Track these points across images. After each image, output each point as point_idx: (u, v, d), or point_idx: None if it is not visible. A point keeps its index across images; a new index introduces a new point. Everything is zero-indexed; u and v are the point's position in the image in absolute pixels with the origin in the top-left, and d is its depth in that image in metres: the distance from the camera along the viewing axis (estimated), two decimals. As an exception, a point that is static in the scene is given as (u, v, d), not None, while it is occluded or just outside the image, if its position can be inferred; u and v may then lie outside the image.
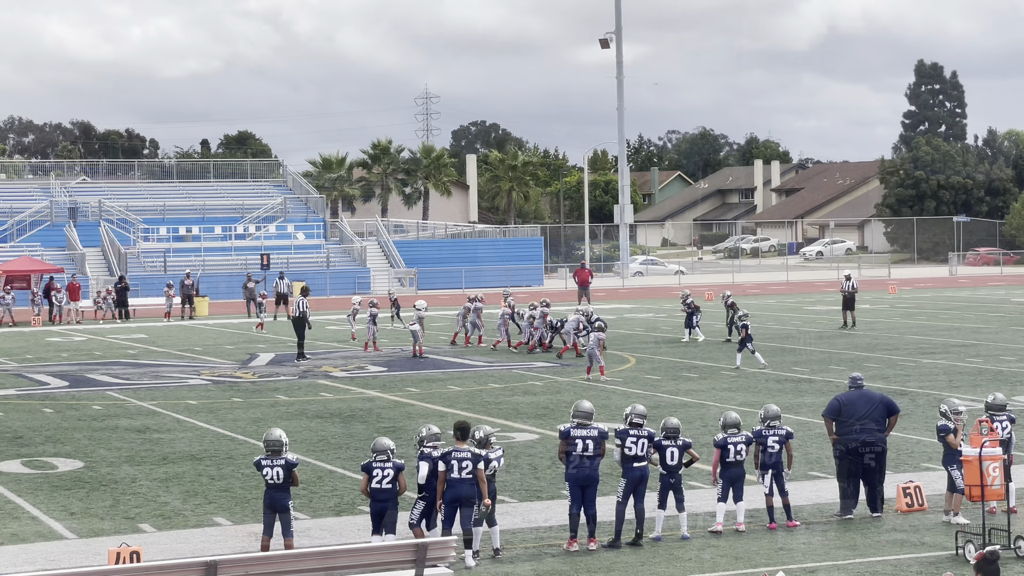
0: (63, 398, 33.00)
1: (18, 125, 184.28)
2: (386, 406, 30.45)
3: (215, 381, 36.03)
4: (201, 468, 23.07)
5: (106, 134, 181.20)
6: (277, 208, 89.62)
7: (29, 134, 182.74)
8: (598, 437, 17.32)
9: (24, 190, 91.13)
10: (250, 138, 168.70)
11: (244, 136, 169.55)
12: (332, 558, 14.11)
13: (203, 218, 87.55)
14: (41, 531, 18.60)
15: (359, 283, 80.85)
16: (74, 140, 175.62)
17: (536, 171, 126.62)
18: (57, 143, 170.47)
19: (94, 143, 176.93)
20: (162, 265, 79.36)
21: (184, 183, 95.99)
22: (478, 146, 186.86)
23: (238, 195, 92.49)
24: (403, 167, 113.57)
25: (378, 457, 16.51)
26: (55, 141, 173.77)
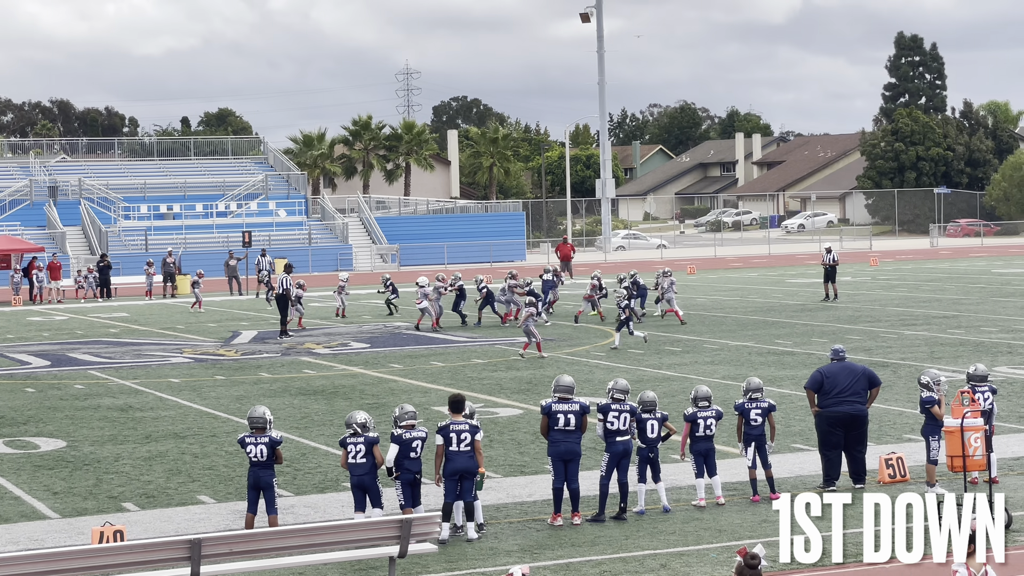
0: (45, 377, 32.94)
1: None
2: (369, 382, 30.45)
3: (198, 359, 35.98)
4: (184, 446, 23.05)
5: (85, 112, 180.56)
6: (258, 185, 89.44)
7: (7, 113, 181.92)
8: (579, 412, 17.34)
9: (3, 169, 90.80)
10: (230, 115, 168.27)
11: (224, 113, 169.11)
12: (316, 535, 14.13)
13: (184, 196, 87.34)
14: (24, 511, 18.58)
15: (341, 260, 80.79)
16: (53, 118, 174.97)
17: (517, 146, 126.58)
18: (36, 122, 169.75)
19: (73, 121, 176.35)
20: (143, 243, 79.16)
21: (164, 161, 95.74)
22: (459, 122, 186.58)
23: (219, 173, 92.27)
24: (384, 143, 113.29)
25: (350, 432, 16.52)
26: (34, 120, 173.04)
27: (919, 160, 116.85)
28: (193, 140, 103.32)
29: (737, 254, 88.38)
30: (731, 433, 18.56)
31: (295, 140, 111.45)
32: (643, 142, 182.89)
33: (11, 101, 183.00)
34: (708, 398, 18.25)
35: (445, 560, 15.51)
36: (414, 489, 16.59)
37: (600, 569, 15.15)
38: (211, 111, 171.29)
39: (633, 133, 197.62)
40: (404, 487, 16.54)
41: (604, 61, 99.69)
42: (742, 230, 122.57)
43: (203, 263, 71.42)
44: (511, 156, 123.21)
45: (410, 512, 16.41)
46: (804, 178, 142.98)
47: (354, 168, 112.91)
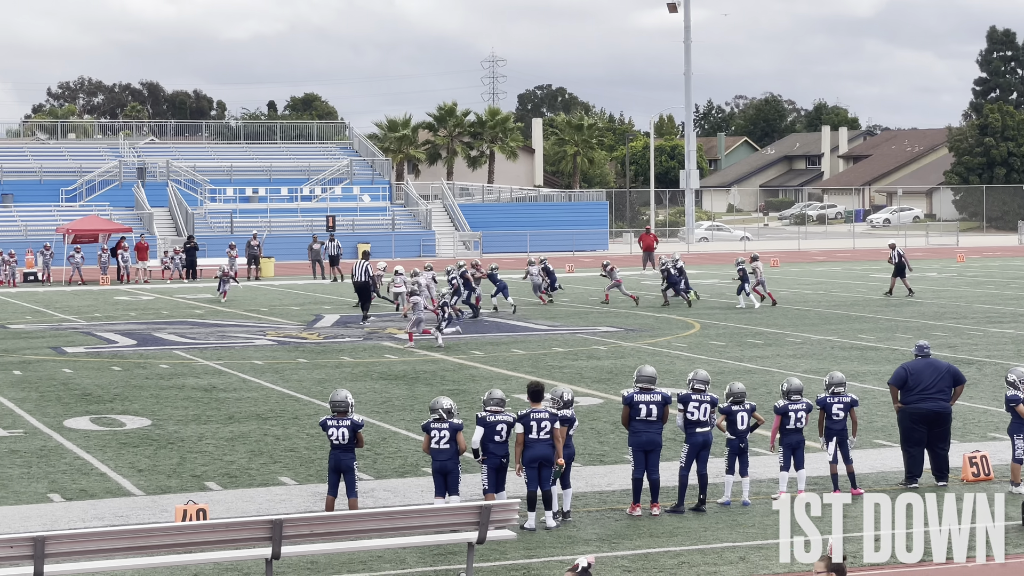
0: (131, 356, 33.31)
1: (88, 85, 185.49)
2: (450, 368, 30.54)
3: (280, 342, 36.24)
4: (266, 428, 23.24)
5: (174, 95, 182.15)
6: (343, 170, 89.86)
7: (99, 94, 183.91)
8: (661, 402, 17.32)
9: (93, 150, 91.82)
10: (316, 100, 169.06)
11: (310, 98, 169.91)
12: (396, 519, 14.21)
13: (269, 179, 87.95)
14: (110, 487, 18.81)
15: (424, 246, 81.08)
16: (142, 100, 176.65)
17: (602, 135, 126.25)
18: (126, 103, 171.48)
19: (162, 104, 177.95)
20: (228, 226, 79.78)
21: (251, 144, 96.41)
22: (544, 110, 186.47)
23: (304, 157, 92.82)
24: (468, 130, 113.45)
25: (435, 417, 16.57)
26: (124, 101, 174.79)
27: (1010, 156, 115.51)
28: (279, 124, 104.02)
29: (821, 248, 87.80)
30: (812, 427, 18.46)
31: (380, 126, 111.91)
32: (728, 133, 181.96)
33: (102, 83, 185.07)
34: (800, 391, 18.14)
35: (523, 547, 15.55)
36: (499, 474, 16.64)
37: (678, 560, 15.14)
38: (297, 95, 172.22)
39: (718, 124, 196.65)
40: (490, 471, 16.60)
41: (691, 51, 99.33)
42: (826, 224, 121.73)
43: (287, 247, 71.98)
44: (595, 145, 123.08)
45: (493, 497, 16.48)
46: (890, 172, 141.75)
47: (438, 154, 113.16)
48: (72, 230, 66.49)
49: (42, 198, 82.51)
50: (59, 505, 17.83)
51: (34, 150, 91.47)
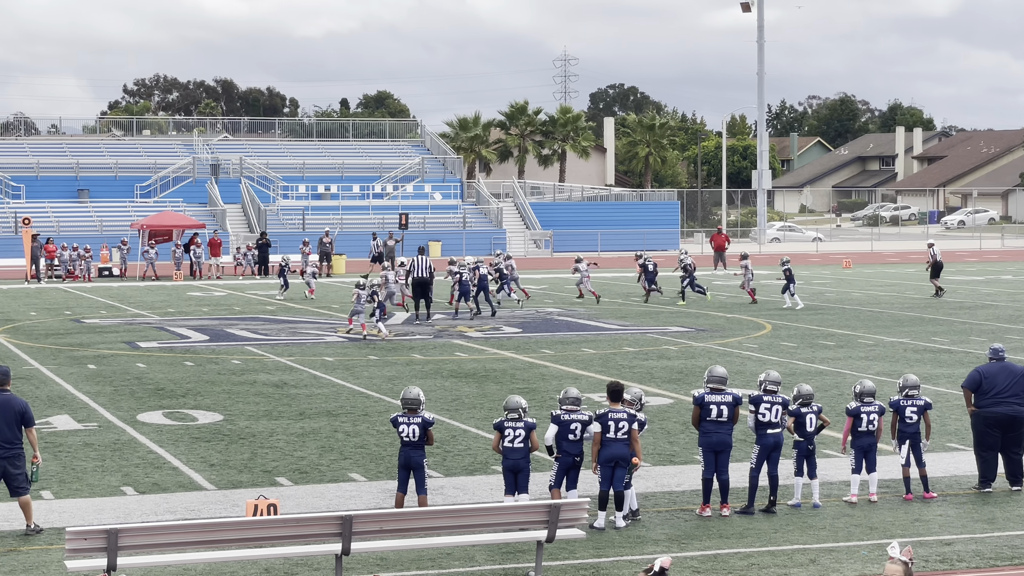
0: (203, 352, 33.55)
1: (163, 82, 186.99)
2: (520, 367, 30.55)
3: (351, 339, 36.37)
4: (337, 424, 23.34)
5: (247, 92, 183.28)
6: (415, 168, 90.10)
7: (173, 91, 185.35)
8: (732, 403, 17.24)
9: (168, 146, 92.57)
10: (388, 98, 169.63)
11: (383, 96, 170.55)
12: (465, 516, 14.22)
13: (342, 177, 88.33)
14: (182, 481, 18.95)
15: (495, 244, 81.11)
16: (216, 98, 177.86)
17: (674, 135, 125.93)
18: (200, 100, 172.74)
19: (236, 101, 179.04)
20: (301, 223, 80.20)
21: (323, 142, 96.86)
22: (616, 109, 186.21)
23: (376, 155, 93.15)
24: (540, 129, 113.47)
25: (509, 415, 16.57)
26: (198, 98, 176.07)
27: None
28: (352, 122, 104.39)
29: (894, 249, 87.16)
30: (884, 430, 18.32)
31: (451, 124, 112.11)
32: (801, 134, 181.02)
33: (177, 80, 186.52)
34: (872, 393, 18.01)
35: (593, 547, 15.53)
36: (572, 472, 16.63)
37: (748, 562, 15.07)
38: (369, 93, 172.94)
39: (791, 124, 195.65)
40: (561, 470, 16.59)
41: (764, 51, 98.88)
42: (900, 225, 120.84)
43: (358, 244, 72.26)
44: (667, 144, 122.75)
45: (558, 494, 16.48)
46: (965, 174, 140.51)
47: (509, 153, 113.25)
48: (146, 226, 67.10)
49: (117, 194, 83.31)
50: (132, 498, 17.98)
51: (110, 146, 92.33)
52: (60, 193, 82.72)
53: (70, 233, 73.22)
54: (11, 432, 16.16)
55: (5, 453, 16.10)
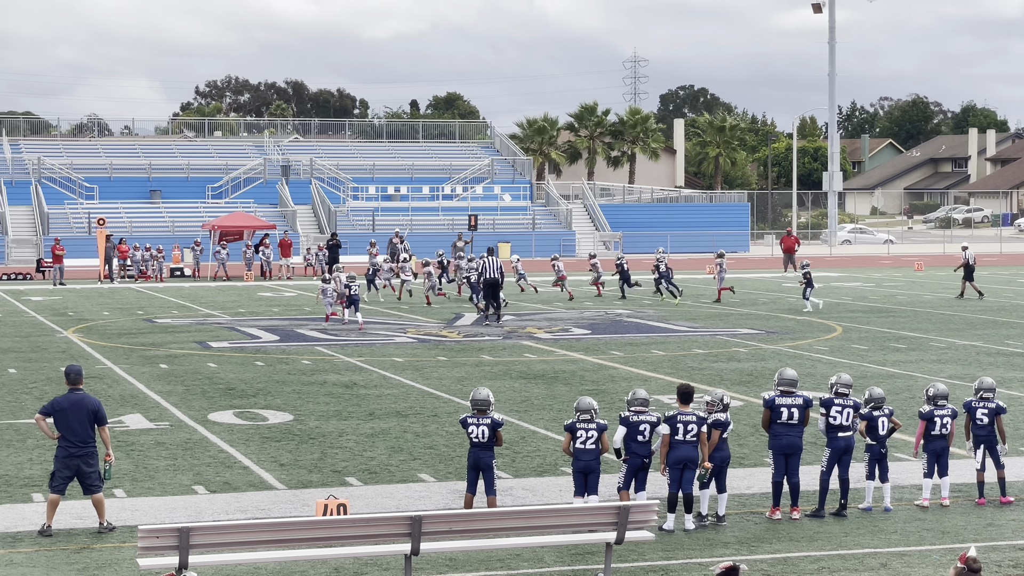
0: (274, 352, 33.73)
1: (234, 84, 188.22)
2: (590, 368, 30.52)
3: (421, 339, 36.47)
4: (406, 425, 23.39)
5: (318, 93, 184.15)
6: (484, 169, 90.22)
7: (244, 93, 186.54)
8: (803, 405, 17.14)
9: (239, 148, 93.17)
10: (458, 99, 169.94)
11: (452, 97, 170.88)
12: (534, 518, 14.21)
13: (411, 178, 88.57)
14: (252, 481, 19.06)
15: (564, 246, 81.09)
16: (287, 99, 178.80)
17: (744, 136, 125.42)
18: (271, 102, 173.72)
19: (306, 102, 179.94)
20: (371, 223, 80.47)
21: (393, 143, 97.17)
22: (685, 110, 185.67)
23: (446, 156, 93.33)
24: (609, 130, 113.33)
25: (581, 416, 16.55)
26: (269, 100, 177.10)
27: None
28: (421, 123, 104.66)
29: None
30: (957, 434, 18.15)
31: (520, 125, 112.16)
32: (872, 135, 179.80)
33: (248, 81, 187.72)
34: (945, 396, 17.85)
35: (662, 549, 15.49)
36: (641, 474, 16.60)
37: (818, 565, 14.98)
38: (439, 94, 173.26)
39: (862, 126, 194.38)
40: (630, 471, 16.56)
41: (835, 52, 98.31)
42: (972, 227, 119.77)
43: (428, 245, 72.39)
44: (737, 146, 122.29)
45: (627, 496, 16.45)
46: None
47: (578, 154, 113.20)
48: (217, 226, 67.58)
49: (189, 195, 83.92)
50: (203, 497, 18.10)
51: (181, 147, 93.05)
52: (133, 194, 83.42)
53: (142, 234, 73.83)
54: (84, 431, 16.31)
55: (79, 452, 16.26)
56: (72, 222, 77.91)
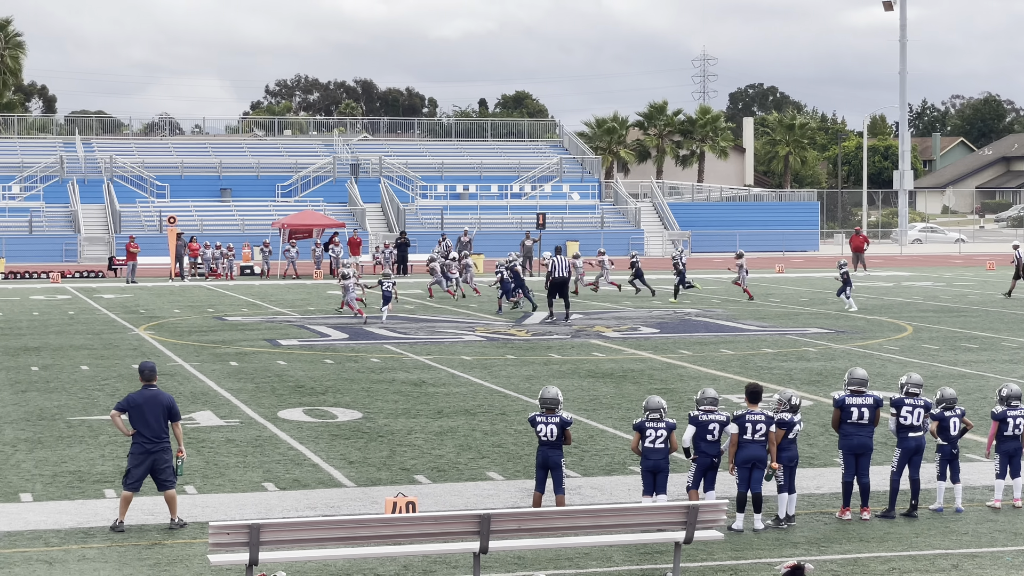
0: (343, 350, 33.86)
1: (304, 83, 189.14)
2: (658, 367, 30.45)
3: (489, 338, 36.51)
4: (475, 423, 23.42)
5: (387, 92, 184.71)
6: (553, 168, 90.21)
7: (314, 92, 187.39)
8: (873, 405, 17.03)
9: (308, 146, 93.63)
10: (527, 98, 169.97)
11: (521, 96, 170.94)
12: (603, 517, 14.20)
13: (480, 177, 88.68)
14: (322, 478, 19.14)
15: (632, 244, 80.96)
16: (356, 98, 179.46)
17: (814, 135, 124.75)
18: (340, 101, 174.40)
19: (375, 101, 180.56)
20: (439, 222, 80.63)
21: (462, 142, 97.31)
22: (755, 109, 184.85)
23: (514, 155, 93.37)
24: (678, 129, 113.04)
25: (651, 416, 16.51)
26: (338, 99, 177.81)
27: None
28: (490, 122, 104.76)
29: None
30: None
31: (589, 124, 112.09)
32: (943, 134, 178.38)
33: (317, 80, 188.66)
34: (1019, 396, 17.68)
35: (731, 548, 15.43)
36: (710, 474, 16.55)
37: (889, 566, 14.88)
38: (507, 93, 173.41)
39: (932, 124, 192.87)
40: (699, 471, 16.52)
41: (906, 50, 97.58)
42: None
43: (496, 243, 72.50)
44: (807, 145, 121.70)
45: (696, 495, 16.41)
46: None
47: (647, 153, 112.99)
48: (287, 225, 67.93)
49: (259, 193, 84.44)
50: (273, 494, 18.20)
51: (252, 146, 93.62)
52: (203, 192, 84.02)
53: (213, 232, 74.35)
54: (159, 426, 16.46)
55: (154, 447, 16.39)
56: (143, 220, 78.58)
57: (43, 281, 61.18)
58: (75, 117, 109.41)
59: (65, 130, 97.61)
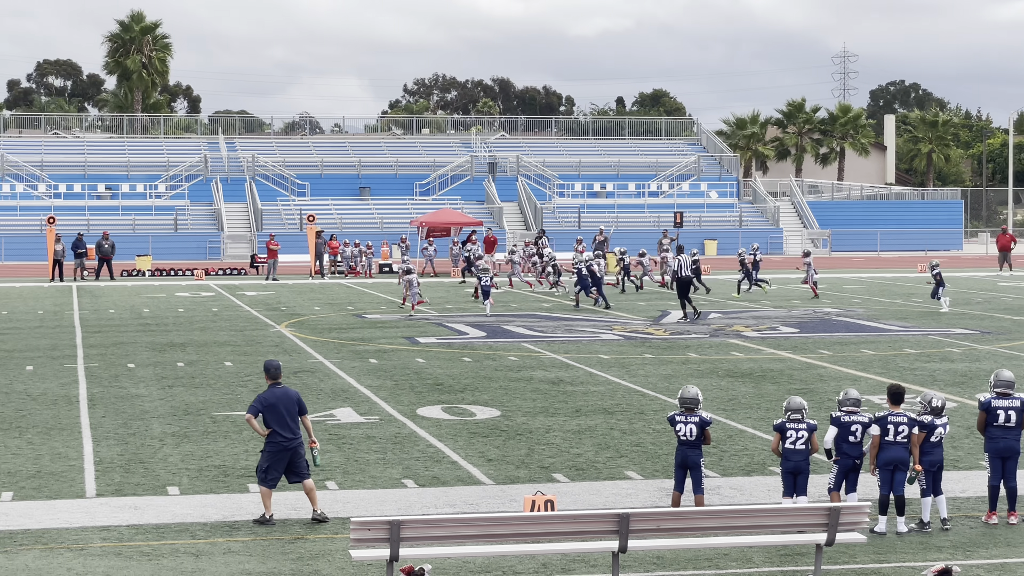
0: (481, 348, 33.98)
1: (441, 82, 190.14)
2: (798, 367, 30.17)
3: (627, 337, 36.42)
4: (613, 422, 23.38)
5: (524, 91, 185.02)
6: (690, 166, 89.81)
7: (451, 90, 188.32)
8: (1020, 408, 16.71)
9: (446, 145, 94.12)
10: (664, 96, 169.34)
11: (658, 94, 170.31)
12: (743, 517, 14.10)
13: (617, 175, 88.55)
14: (460, 475, 19.22)
15: (771, 243, 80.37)
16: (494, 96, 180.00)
17: (957, 132, 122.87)
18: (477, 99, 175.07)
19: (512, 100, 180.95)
20: (576, 220, 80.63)
21: (599, 140, 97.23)
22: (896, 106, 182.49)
23: (652, 153, 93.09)
24: (818, 127, 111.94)
25: (792, 416, 16.36)
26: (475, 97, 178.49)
27: None
28: (628, 120, 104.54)
29: None
30: None
31: (727, 122, 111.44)
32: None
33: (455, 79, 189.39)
34: None
35: (873, 551, 15.24)
36: (852, 475, 16.37)
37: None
38: (645, 91, 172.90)
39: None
40: (840, 472, 16.34)
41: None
42: None
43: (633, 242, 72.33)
44: (950, 142, 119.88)
45: (838, 497, 16.23)
46: None
47: (786, 151, 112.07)
48: (425, 223, 68.34)
49: (397, 191, 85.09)
50: (412, 491, 18.31)
51: (390, 145, 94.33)
52: (343, 191, 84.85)
53: (352, 230, 75.05)
54: (294, 422, 16.68)
55: (291, 443, 16.59)
56: (284, 218, 79.55)
57: (188, 278, 62.20)
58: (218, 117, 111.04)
59: (209, 130, 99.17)
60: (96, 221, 76.57)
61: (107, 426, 22.97)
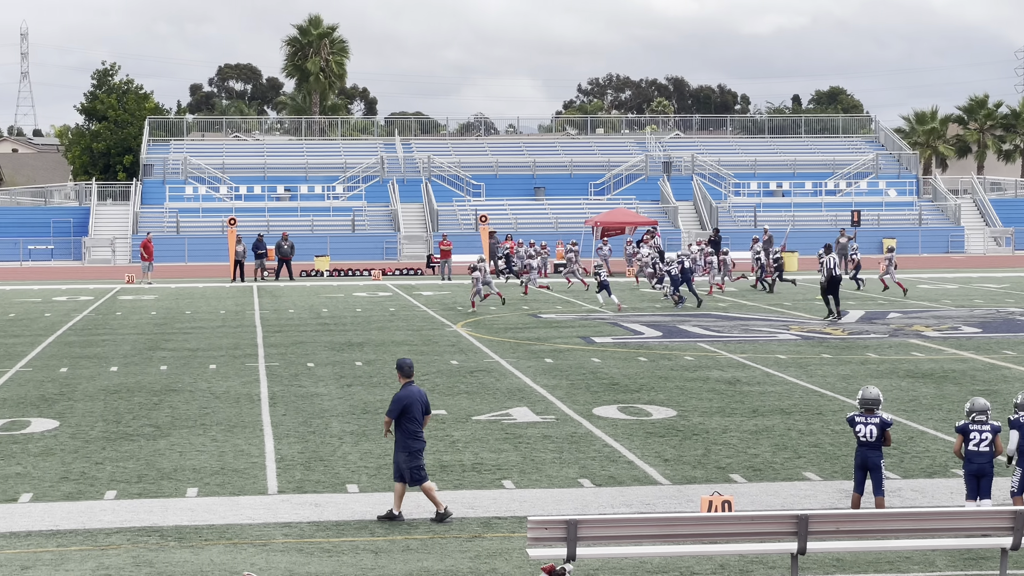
0: (656, 347, 33.89)
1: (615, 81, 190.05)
2: (981, 368, 29.60)
3: (804, 336, 36.05)
4: (790, 422, 23.16)
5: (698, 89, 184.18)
6: (868, 164, 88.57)
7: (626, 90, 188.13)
8: None
9: (620, 145, 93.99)
10: (841, 93, 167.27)
11: (835, 91, 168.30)
12: (924, 520, 13.90)
13: (793, 174, 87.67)
14: (637, 475, 19.20)
15: (952, 242, 78.97)
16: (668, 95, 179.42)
17: None
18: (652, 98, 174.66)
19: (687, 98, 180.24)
20: (752, 219, 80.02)
21: (775, 138, 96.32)
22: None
23: (829, 151, 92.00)
24: (1000, 123, 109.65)
25: (976, 418, 16.05)
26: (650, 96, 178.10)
27: None
28: (804, 118, 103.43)
29: None
30: None
31: (906, 119, 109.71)
32: None
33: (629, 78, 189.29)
34: None
35: (1060, 556, 14.91)
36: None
37: None
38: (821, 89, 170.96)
39: None
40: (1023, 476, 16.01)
41: None
42: None
43: (811, 241, 71.56)
44: None
45: (1021, 501, 15.89)
46: None
47: (967, 148, 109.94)
48: (600, 223, 68.35)
49: (571, 191, 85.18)
50: (589, 490, 18.33)
51: (564, 145, 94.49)
52: (518, 191, 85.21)
53: (527, 230, 75.32)
54: (422, 420, 16.84)
55: (420, 443, 16.75)
56: (460, 219, 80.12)
57: (365, 278, 62.96)
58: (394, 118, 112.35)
59: (385, 131, 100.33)
60: (275, 222, 77.93)
61: (288, 424, 23.37)
